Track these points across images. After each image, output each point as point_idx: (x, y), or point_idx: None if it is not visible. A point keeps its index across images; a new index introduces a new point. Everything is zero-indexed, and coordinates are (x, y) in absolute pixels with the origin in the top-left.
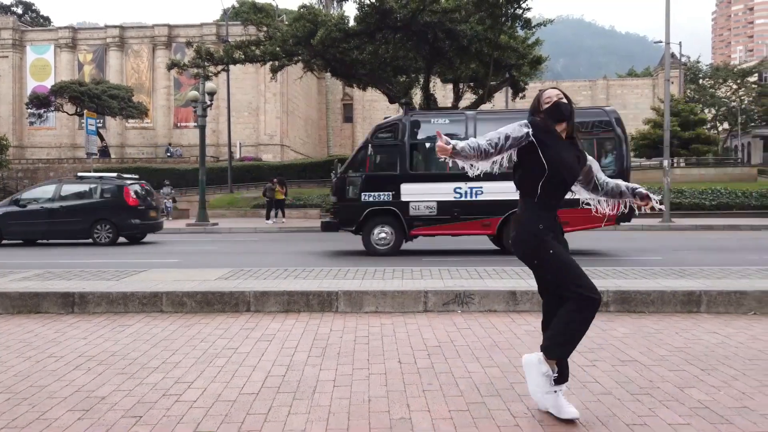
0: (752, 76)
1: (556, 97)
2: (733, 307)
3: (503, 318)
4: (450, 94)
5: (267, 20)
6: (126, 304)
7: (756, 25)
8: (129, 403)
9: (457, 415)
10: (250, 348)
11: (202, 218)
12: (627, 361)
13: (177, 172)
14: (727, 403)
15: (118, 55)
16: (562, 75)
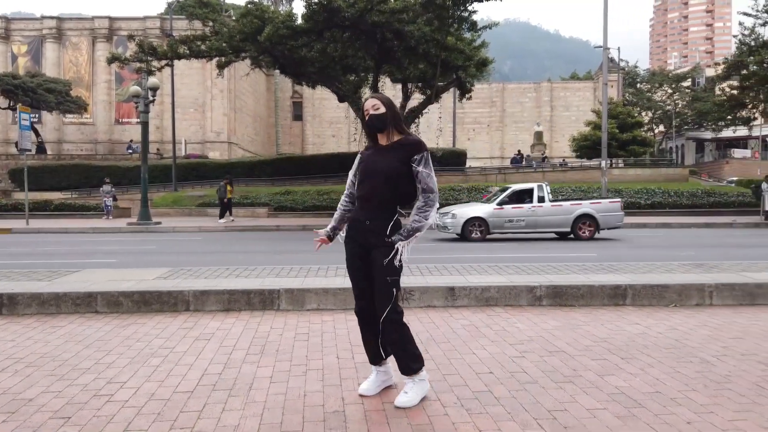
0: (686, 81)
1: (372, 109)
2: (655, 300)
3: (442, 313)
4: (399, 93)
5: (213, 15)
6: (58, 305)
7: (690, 33)
8: (58, 404)
9: (390, 406)
10: (188, 347)
11: (144, 217)
12: (554, 352)
13: (118, 170)
14: (642, 388)
15: (55, 47)
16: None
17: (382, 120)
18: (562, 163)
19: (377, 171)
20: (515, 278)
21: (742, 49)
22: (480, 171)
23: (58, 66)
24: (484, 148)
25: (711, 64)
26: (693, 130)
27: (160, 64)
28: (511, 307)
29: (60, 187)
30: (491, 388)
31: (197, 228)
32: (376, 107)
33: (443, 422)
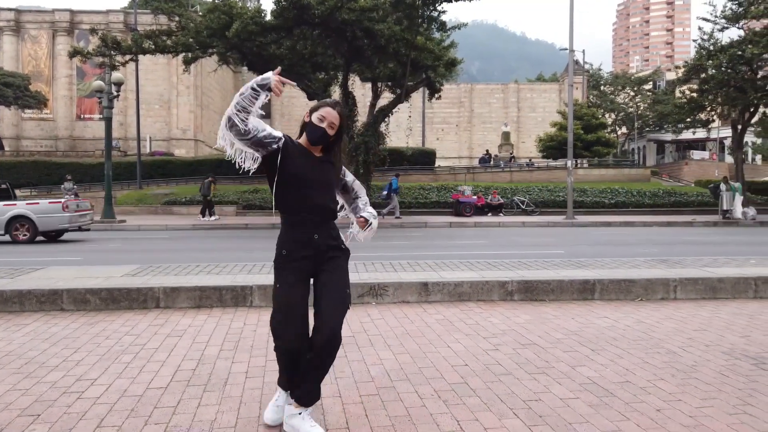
0: (647, 84)
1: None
2: (623, 294)
3: (415, 308)
4: (369, 92)
5: (179, 10)
6: (22, 303)
7: (651, 37)
8: (26, 401)
9: (368, 399)
10: (159, 344)
11: (108, 215)
12: (527, 345)
13: (80, 167)
14: (612, 378)
15: (13, 40)
16: (477, 78)
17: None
18: (528, 163)
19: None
20: (487, 273)
21: (701, 53)
22: (449, 170)
23: (16, 60)
24: (452, 148)
25: (671, 68)
26: (654, 132)
27: (124, 59)
28: (484, 302)
29: (18, 185)
30: (467, 380)
31: (163, 226)
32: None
33: (421, 413)
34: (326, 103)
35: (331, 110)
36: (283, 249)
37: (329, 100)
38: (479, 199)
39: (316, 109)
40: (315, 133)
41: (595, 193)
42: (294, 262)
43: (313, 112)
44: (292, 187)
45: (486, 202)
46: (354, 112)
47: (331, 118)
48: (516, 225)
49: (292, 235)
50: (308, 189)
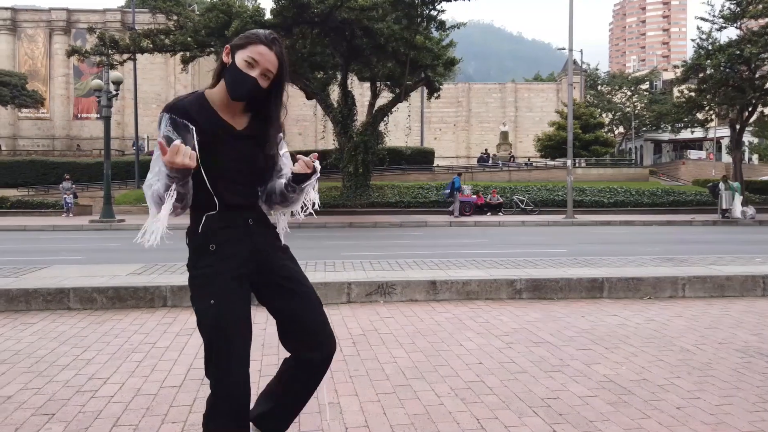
0: (644, 84)
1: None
2: (631, 293)
3: (424, 307)
4: (367, 92)
5: (177, 9)
6: (28, 302)
7: (648, 37)
8: (39, 401)
9: (385, 397)
10: (170, 342)
11: (107, 215)
12: (539, 343)
13: (78, 167)
14: (628, 376)
15: (9, 39)
16: (474, 78)
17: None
18: (527, 163)
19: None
20: (494, 272)
21: (699, 52)
22: (448, 170)
23: (12, 59)
24: (450, 148)
25: (668, 68)
26: (651, 131)
27: (122, 58)
28: (492, 301)
29: (15, 184)
30: (483, 378)
31: None
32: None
33: (440, 411)
34: (257, 39)
35: (265, 50)
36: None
37: (260, 32)
38: (479, 199)
39: (242, 47)
40: (241, 85)
41: (594, 192)
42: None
43: (236, 51)
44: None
45: (485, 202)
46: (353, 112)
47: (265, 62)
48: (516, 224)
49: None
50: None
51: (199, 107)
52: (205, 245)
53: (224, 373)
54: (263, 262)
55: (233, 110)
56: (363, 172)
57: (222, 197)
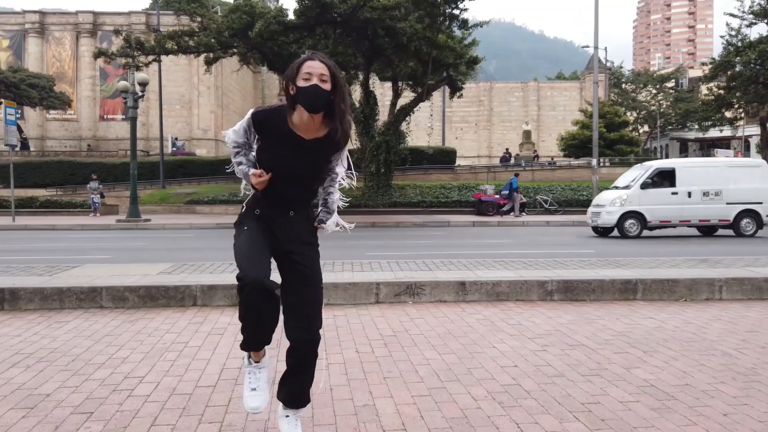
0: (669, 81)
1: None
2: (666, 295)
3: (454, 308)
4: (388, 91)
5: (201, 10)
6: (62, 300)
7: (673, 34)
8: (77, 399)
9: (421, 400)
10: (202, 342)
11: (134, 214)
12: (575, 346)
13: (104, 167)
14: (670, 381)
15: (37, 42)
16: (495, 77)
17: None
18: (550, 162)
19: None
20: (524, 273)
21: (728, 49)
22: (469, 169)
23: (40, 61)
24: (471, 147)
25: (694, 65)
26: (677, 130)
27: (147, 59)
28: (523, 302)
29: (44, 184)
30: (519, 381)
31: (188, 225)
32: (324, 79)
33: (478, 415)
34: (301, 60)
35: (311, 62)
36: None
37: (301, 56)
38: (502, 199)
39: (295, 73)
40: (310, 95)
41: None
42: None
43: (293, 80)
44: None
45: None
46: (376, 111)
47: (316, 70)
48: (540, 224)
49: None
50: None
51: (277, 117)
52: (252, 209)
53: (240, 268)
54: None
55: (309, 126)
56: (385, 172)
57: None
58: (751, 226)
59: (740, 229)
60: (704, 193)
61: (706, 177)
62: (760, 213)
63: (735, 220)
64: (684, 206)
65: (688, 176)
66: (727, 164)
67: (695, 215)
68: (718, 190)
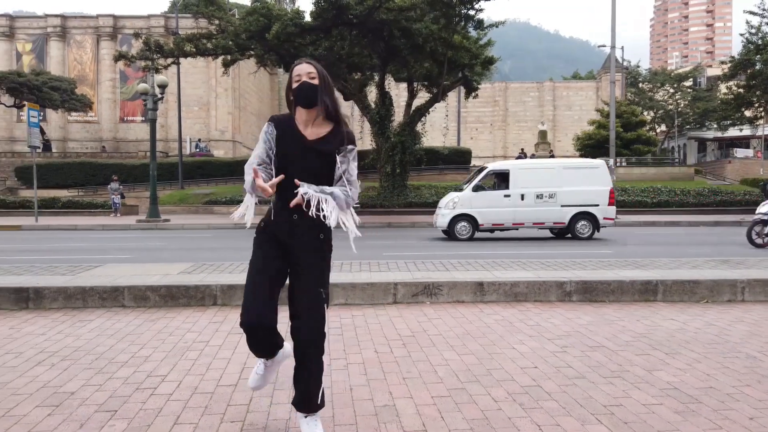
0: (687, 80)
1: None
2: (687, 296)
3: (471, 308)
4: (403, 92)
5: (219, 13)
6: (85, 299)
7: (690, 33)
8: (101, 397)
9: (441, 400)
10: (222, 341)
11: (153, 214)
12: (595, 347)
13: (124, 168)
14: (694, 384)
15: (59, 45)
16: (510, 77)
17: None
18: None
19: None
20: (542, 273)
21: (748, 47)
22: None
23: (62, 64)
24: (486, 147)
25: (712, 64)
26: (695, 129)
27: (166, 62)
28: (541, 303)
29: (66, 185)
30: (540, 383)
31: (206, 225)
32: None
33: (499, 416)
34: (291, 68)
35: (298, 66)
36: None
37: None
38: None
39: (289, 79)
40: (300, 93)
41: (637, 192)
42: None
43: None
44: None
45: None
46: (391, 112)
47: (303, 71)
48: None
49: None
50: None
51: (288, 119)
52: (262, 223)
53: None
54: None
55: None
56: (400, 173)
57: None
58: (586, 228)
59: (575, 231)
60: (538, 195)
61: (541, 179)
62: (596, 215)
63: (570, 222)
64: (517, 209)
65: (522, 178)
66: (563, 166)
67: (529, 218)
68: (552, 193)
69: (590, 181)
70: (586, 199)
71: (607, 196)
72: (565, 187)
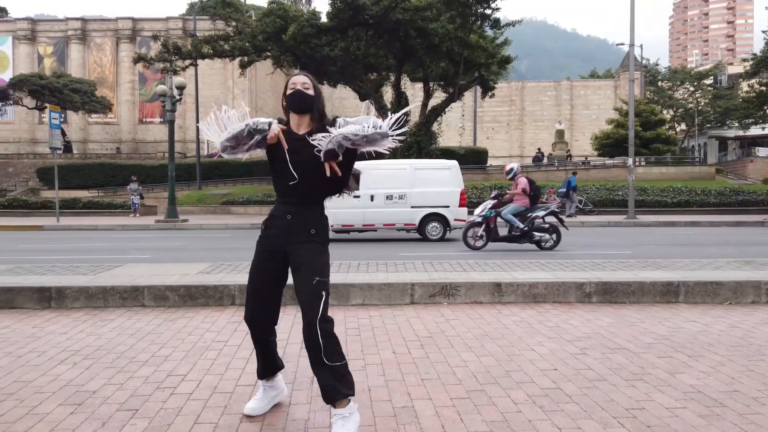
0: (708, 78)
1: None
2: (709, 297)
3: (489, 309)
4: (419, 92)
5: (236, 15)
6: (105, 299)
7: (711, 30)
8: (122, 396)
9: (459, 402)
10: (241, 341)
11: (172, 215)
12: (616, 349)
13: (143, 169)
14: (718, 387)
15: (79, 48)
16: (526, 76)
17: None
18: (584, 162)
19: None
20: (561, 274)
21: None
22: (501, 170)
23: (82, 66)
24: (503, 147)
25: (733, 62)
26: (715, 128)
27: (184, 63)
28: (560, 304)
29: (86, 186)
30: (560, 385)
31: (224, 225)
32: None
33: (518, 419)
34: (287, 78)
35: (293, 78)
36: (264, 223)
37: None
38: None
39: (284, 89)
40: (293, 99)
41: (657, 191)
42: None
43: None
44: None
45: (542, 202)
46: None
47: (297, 80)
48: (575, 224)
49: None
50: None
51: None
52: (264, 225)
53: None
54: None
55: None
56: None
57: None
58: (437, 230)
59: (426, 233)
60: (388, 196)
61: (391, 180)
62: (447, 217)
63: (421, 224)
64: (367, 210)
65: (373, 179)
66: (414, 167)
67: (379, 219)
68: (402, 194)
69: (442, 182)
70: (437, 200)
71: (458, 198)
72: (416, 188)
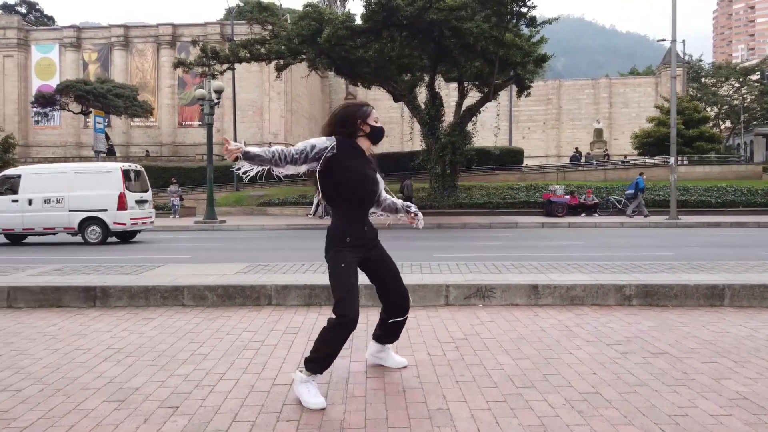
0: (754, 74)
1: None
2: (756, 301)
3: (526, 311)
4: (453, 92)
5: (272, 19)
6: (147, 298)
7: (757, 24)
8: (163, 393)
9: (495, 405)
10: (277, 340)
11: (210, 216)
12: (657, 354)
13: (182, 171)
14: (765, 394)
15: (122, 54)
16: (563, 74)
17: None
18: (623, 161)
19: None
20: (600, 276)
21: None
22: (537, 170)
23: (125, 72)
24: (539, 147)
25: None
26: (763, 125)
27: (222, 67)
28: (599, 307)
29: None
30: (599, 389)
31: (260, 226)
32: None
33: (556, 424)
34: (368, 105)
35: (372, 110)
36: (346, 237)
37: (361, 102)
38: (573, 199)
39: (366, 114)
40: (381, 134)
41: (700, 191)
42: (353, 246)
43: (365, 119)
44: (349, 185)
45: (580, 202)
46: (441, 112)
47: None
48: (614, 225)
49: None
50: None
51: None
52: (343, 238)
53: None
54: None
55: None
56: (450, 173)
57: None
58: (96, 233)
59: (86, 236)
60: (45, 200)
61: (51, 184)
62: (105, 220)
63: (80, 227)
64: (26, 214)
65: (33, 183)
66: (75, 170)
67: (38, 223)
68: (60, 197)
69: (100, 185)
70: (95, 203)
71: (116, 201)
72: (75, 191)
